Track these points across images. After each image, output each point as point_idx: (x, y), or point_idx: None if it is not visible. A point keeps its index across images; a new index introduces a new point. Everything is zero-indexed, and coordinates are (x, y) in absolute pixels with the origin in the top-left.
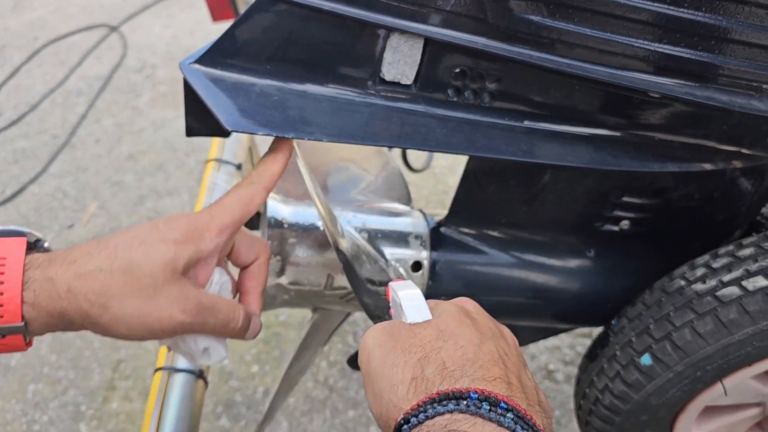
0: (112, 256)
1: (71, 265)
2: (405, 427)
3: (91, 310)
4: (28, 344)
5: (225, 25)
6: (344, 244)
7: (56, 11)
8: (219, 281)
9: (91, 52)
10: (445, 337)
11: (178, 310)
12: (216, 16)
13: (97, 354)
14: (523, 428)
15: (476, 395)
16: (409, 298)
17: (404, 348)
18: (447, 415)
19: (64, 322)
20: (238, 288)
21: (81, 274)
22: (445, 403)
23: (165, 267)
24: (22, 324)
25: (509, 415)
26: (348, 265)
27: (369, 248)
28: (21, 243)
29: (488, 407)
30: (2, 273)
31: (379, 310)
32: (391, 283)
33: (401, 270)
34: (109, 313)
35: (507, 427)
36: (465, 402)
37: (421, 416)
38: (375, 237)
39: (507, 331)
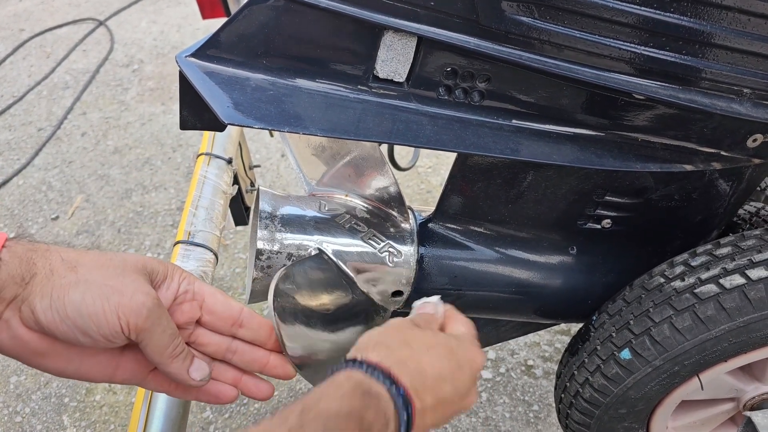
0: (91, 250)
1: (55, 246)
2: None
3: (59, 268)
4: None
5: (213, 23)
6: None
7: (42, 3)
8: None
9: (77, 45)
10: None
11: (141, 292)
12: (206, 13)
13: None
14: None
15: (403, 392)
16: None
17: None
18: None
19: (24, 276)
20: None
21: (60, 245)
22: (384, 378)
23: (135, 261)
24: None
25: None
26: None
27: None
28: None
29: (403, 402)
30: None
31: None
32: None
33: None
34: (76, 275)
35: (389, 393)
36: (395, 387)
37: (361, 366)
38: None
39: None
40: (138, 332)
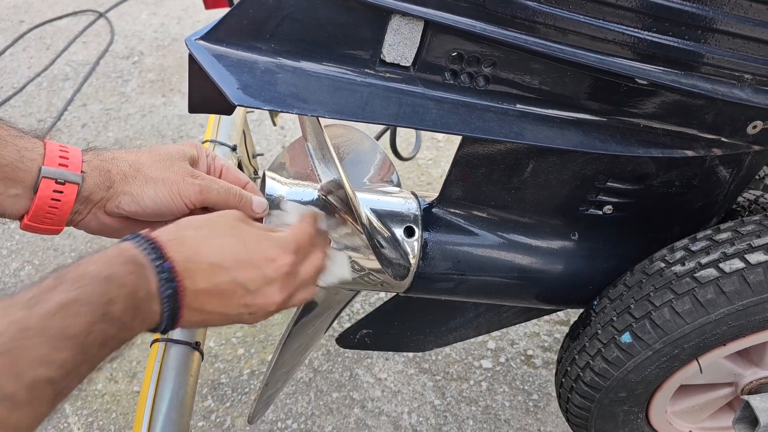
0: (141, 149)
1: (113, 151)
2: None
3: (129, 171)
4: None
5: (215, 13)
6: (365, 221)
7: None
8: None
9: (77, 37)
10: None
11: (189, 175)
12: (209, 3)
13: None
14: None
15: (168, 266)
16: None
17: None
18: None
19: (107, 183)
20: None
21: (121, 150)
22: (151, 251)
23: (177, 152)
24: (81, 174)
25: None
26: (371, 239)
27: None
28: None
29: (168, 276)
30: (67, 149)
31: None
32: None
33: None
34: (142, 174)
35: (153, 264)
36: (160, 260)
37: (136, 238)
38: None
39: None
40: (200, 203)
